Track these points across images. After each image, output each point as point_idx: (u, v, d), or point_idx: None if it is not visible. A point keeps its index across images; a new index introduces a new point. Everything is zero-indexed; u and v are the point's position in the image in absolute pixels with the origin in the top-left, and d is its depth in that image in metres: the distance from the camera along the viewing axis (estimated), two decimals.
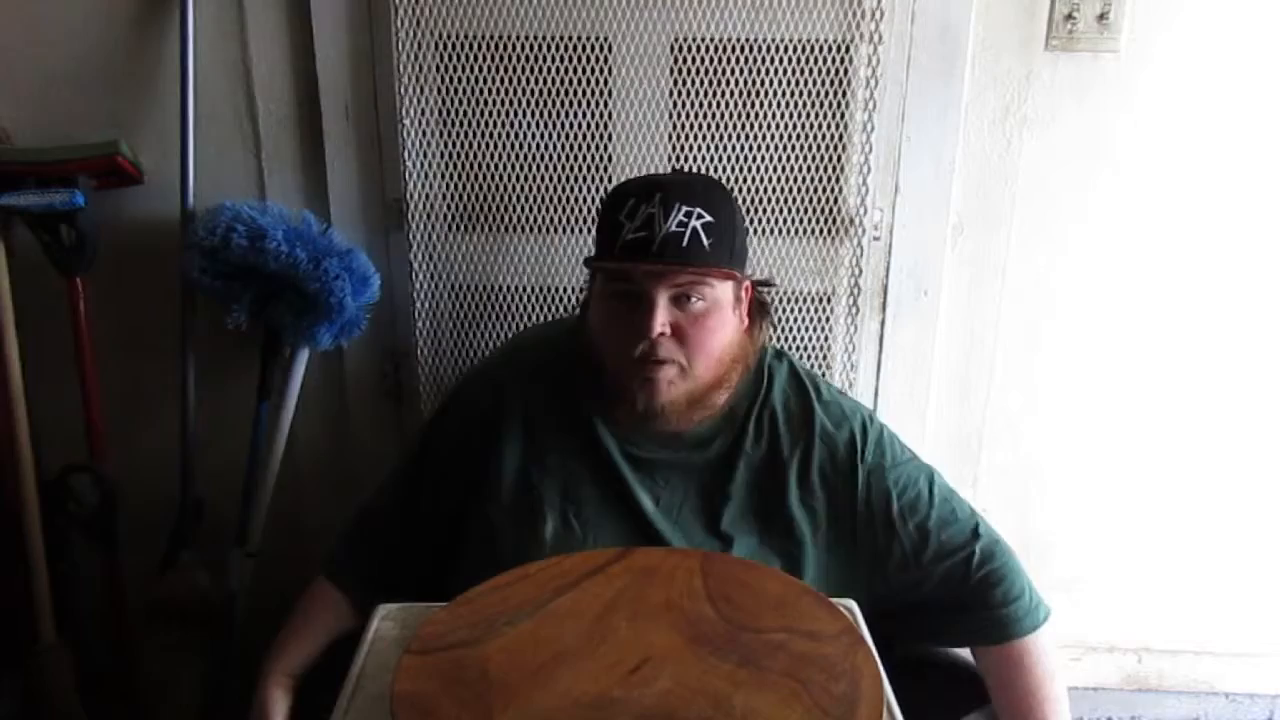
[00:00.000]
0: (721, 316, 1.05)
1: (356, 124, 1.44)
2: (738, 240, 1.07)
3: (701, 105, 1.42)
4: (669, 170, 1.44)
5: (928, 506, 1.11)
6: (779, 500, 1.09)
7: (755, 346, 1.13)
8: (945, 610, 1.11)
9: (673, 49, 1.41)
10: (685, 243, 1.00)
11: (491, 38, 1.40)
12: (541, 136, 1.44)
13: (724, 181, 1.44)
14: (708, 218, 1.02)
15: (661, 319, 1.01)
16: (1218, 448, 1.62)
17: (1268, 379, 1.59)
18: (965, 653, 1.15)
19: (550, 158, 1.45)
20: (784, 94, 1.42)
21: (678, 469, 1.10)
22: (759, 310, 1.14)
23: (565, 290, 1.51)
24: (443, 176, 1.46)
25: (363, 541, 1.18)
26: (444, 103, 1.43)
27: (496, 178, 1.46)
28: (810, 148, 1.44)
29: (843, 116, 1.43)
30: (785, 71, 1.41)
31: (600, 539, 1.07)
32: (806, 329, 1.53)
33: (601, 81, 1.42)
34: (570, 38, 1.40)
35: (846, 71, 1.41)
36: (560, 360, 1.14)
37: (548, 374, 1.14)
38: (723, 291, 1.05)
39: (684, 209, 1.01)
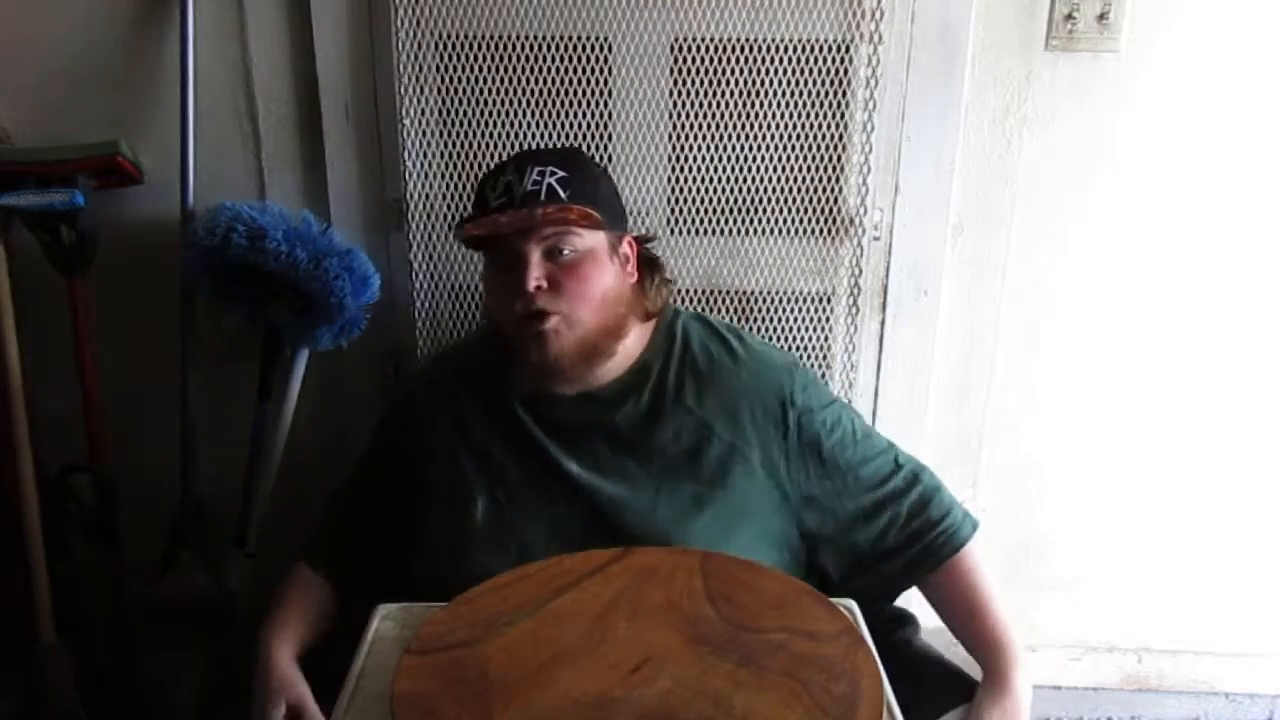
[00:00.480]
0: (596, 263, 1.10)
1: (356, 124, 1.44)
2: (600, 193, 1.12)
3: (701, 105, 1.42)
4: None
5: (853, 443, 1.15)
6: (709, 449, 1.11)
7: (651, 299, 1.18)
8: (887, 551, 1.14)
9: (673, 49, 1.41)
10: (542, 195, 1.07)
11: (491, 38, 1.40)
12: (541, 136, 1.44)
13: (721, 181, 1.45)
14: (562, 174, 1.09)
15: (535, 273, 1.06)
16: (1217, 448, 1.62)
17: (1267, 379, 1.59)
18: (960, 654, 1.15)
19: None
20: (784, 94, 1.42)
21: (599, 430, 1.13)
22: (650, 265, 1.20)
23: None
24: (443, 176, 1.46)
25: (331, 524, 1.24)
26: (444, 103, 1.43)
27: None
28: (810, 148, 1.44)
29: (843, 116, 1.43)
30: (785, 71, 1.41)
31: (531, 510, 1.10)
32: (806, 329, 1.53)
33: (601, 81, 1.42)
34: (570, 38, 1.40)
35: (846, 71, 1.41)
36: (478, 357, 1.21)
37: (469, 373, 1.20)
38: (593, 240, 1.10)
39: (537, 169, 1.09)
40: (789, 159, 1.44)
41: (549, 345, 1.07)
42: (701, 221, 1.48)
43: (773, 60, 1.40)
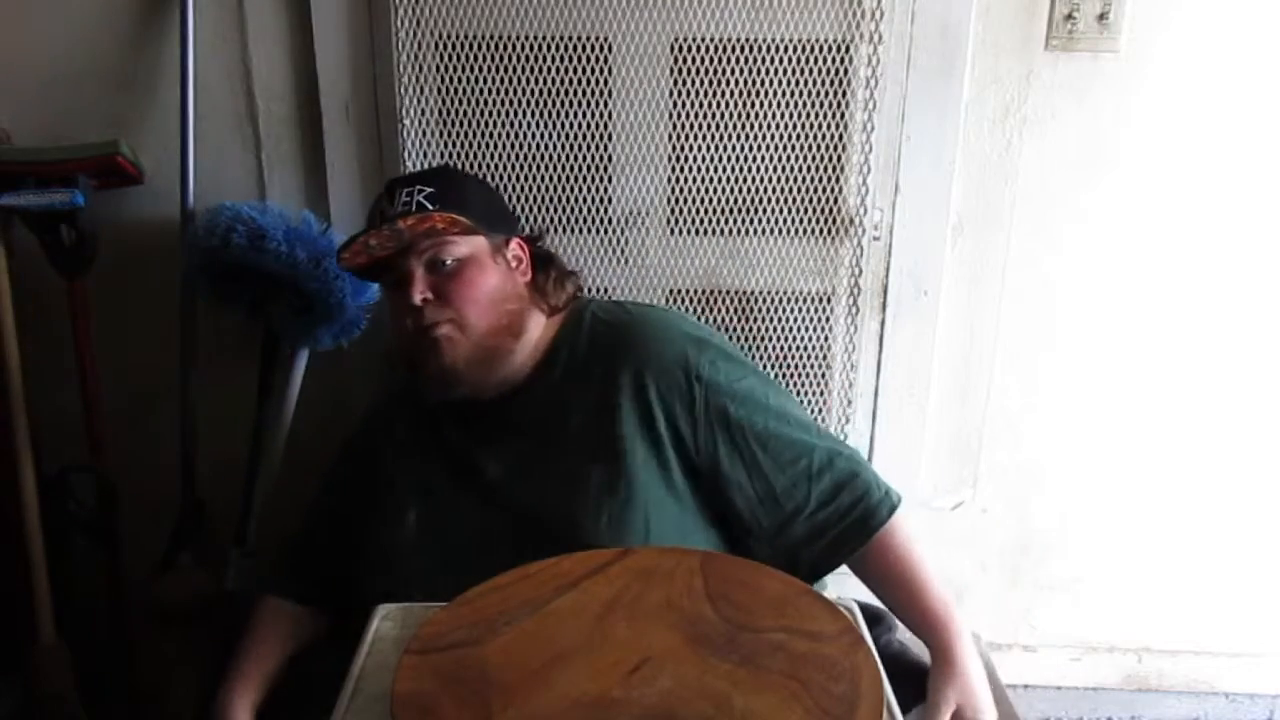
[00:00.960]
0: (478, 267, 1.12)
1: (356, 124, 1.44)
2: (470, 201, 1.14)
3: (701, 105, 1.42)
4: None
5: (764, 420, 1.12)
6: (617, 429, 1.11)
7: (553, 293, 1.20)
8: (806, 536, 1.11)
9: (673, 49, 1.41)
10: (412, 210, 1.10)
11: (491, 38, 1.40)
12: (541, 136, 1.44)
13: (721, 181, 1.45)
14: (429, 189, 1.12)
15: (419, 287, 1.09)
16: (1217, 447, 1.62)
17: (1266, 379, 1.59)
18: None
19: (550, 158, 1.45)
20: (784, 94, 1.42)
21: (516, 424, 1.15)
22: (545, 262, 1.22)
23: None
24: None
25: (293, 550, 1.25)
26: (444, 103, 1.43)
27: (496, 178, 1.45)
28: (810, 148, 1.44)
29: (843, 116, 1.43)
30: (785, 71, 1.41)
31: (459, 515, 1.12)
32: (806, 329, 1.53)
33: (601, 81, 1.42)
34: (570, 38, 1.40)
35: (846, 71, 1.41)
36: (412, 387, 1.21)
37: (404, 392, 1.23)
38: (472, 246, 1.12)
39: (405, 190, 1.12)
40: (789, 159, 1.44)
41: (444, 353, 1.10)
42: (701, 221, 1.48)
43: (773, 60, 1.40)
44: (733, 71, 1.41)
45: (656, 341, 1.15)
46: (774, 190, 1.46)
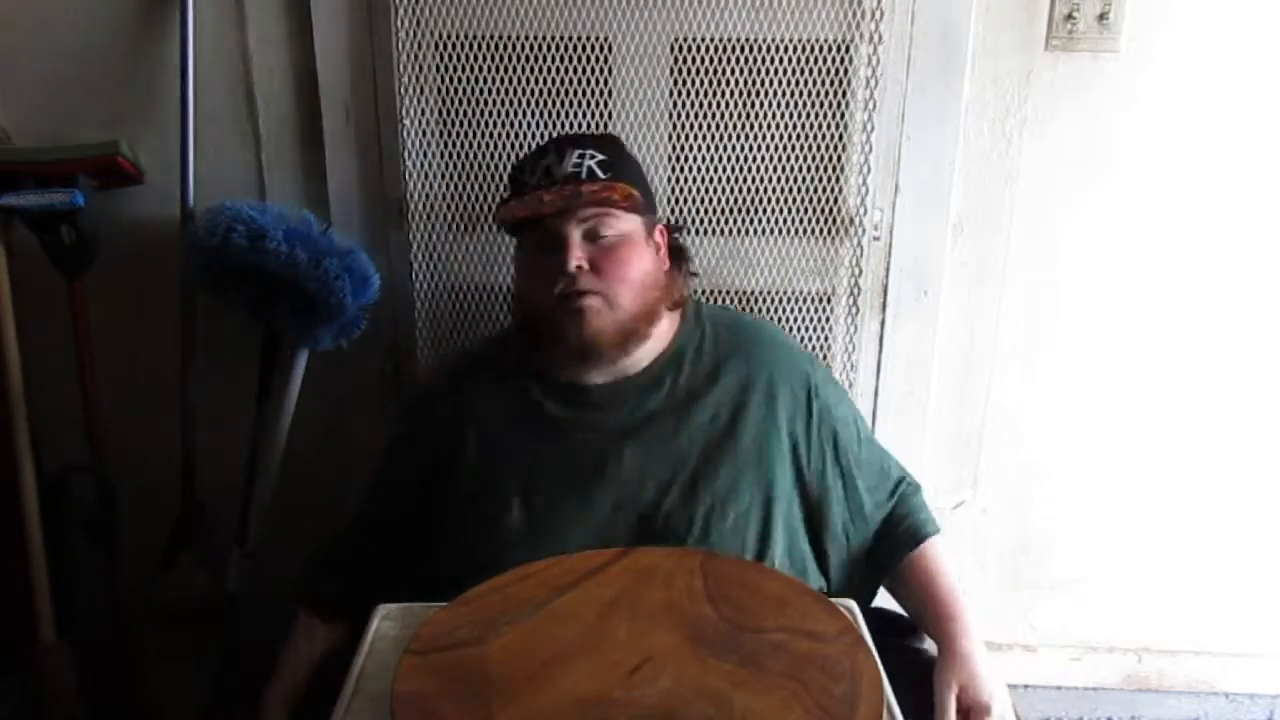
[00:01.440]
0: (634, 247, 1.10)
1: (356, 124, 1.44)
2: (638, 177, 1.14)
3: (701, 105, 1.42)
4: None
5: (857, 444, 1.19)
6: (745, 428, 1.12)
7: (681, 286, 1.19)
8: (869, 549, 1.18)
9: (673, 49, 1.41)
10: (583, 175, 1.08)
11: (491, 38, 1.40)
12: (541, 137, 1.44)
13: (721, 181, 1.45)
14: (601, 156, 1.10)
15: (577, 254, 1.07)
16: (1217, 447, 1.62)
17: (1266, 379, 1.59)
18: None
19: None
20: (784, 94, 1.42)
21: (636, 417, 1.12)
22: (678, 254, 1.21)
23: None
24: (443, 176, 1.46)
25: (330, 562, 1.22)
26: (444, 103, 1.43)
27: (496, 178, 1.45)
28: (810, 148, 1.44)
29: (843, 116, 1.43)
30: (785, 71, 1.41)
31: (569, 513, 1.09)
32: (806, 329, 1.53)
33: (601, 81, 1.42)
34: (570, 38, 1.40)
35: (846, 71, 1.41)
36: (500, 356, 1.20)
37: (493, 369, 1.19)
38: (630, 224, 1.11)
39: (577, 152, 1.10)
40: (789, 159, 1.44)
41: (588, 323, 1.07)
42: (701, 221, 1.48)
43: (773, 60, 1.40)
44: (733, 71, 1.41)
45: (783, 352, 1.19)
46: (774, 190, 1.46)
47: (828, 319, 1.52)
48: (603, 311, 1.07)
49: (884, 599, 1.22)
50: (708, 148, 1.44)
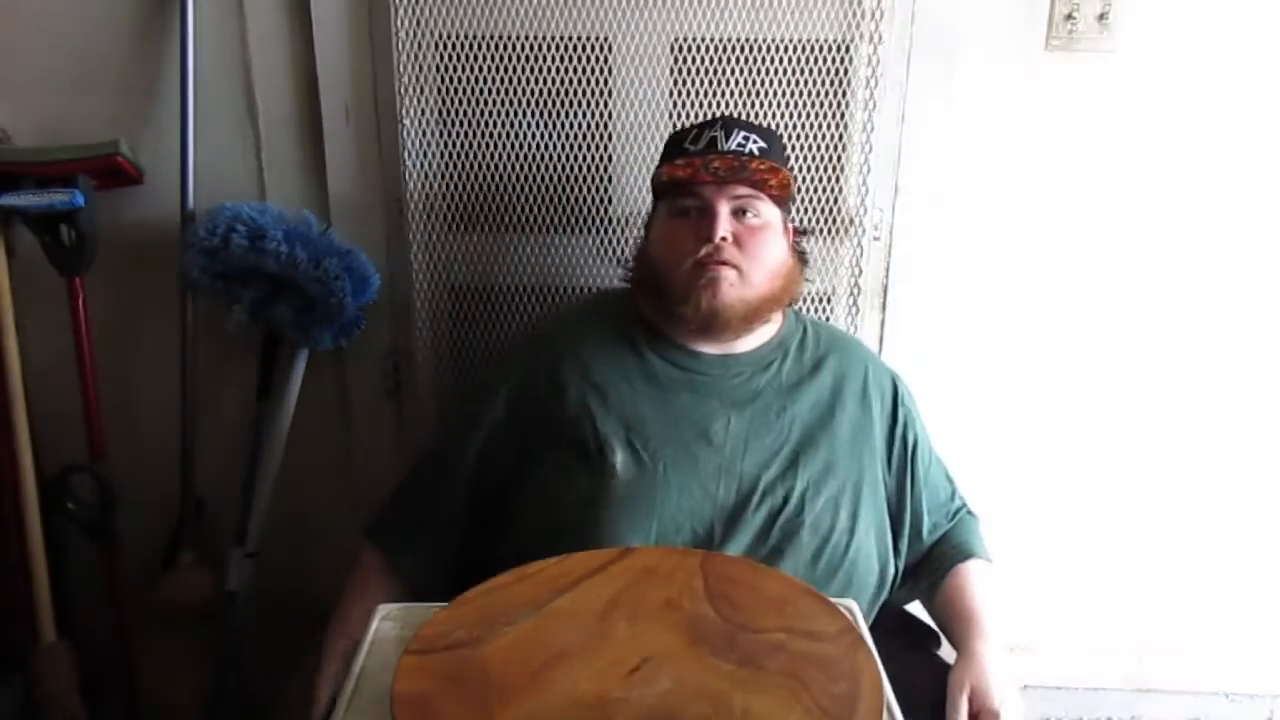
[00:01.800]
0: (774, 233, 1.14)
1: (356, 124, 1.44)
2: (790, 169, 1.16)
3: (701, 105, 1.42)
4: None
5: (928, 460, 1.25)
6: (841, 420, 1.16)
7: (801, 285, 1.22)
8: (919, 564, 1.22)
9: (673, 49, 1.41)
10: (749, 153, 1.11)
11: (491, 38, 1.40)
12: (541, 136, 1.44)
13: None
14: (763, 144, 1.13)
15: (724, 225, 1.10)
16: (1218, 447, 1.62)
17: (1267, 379, 1.59)
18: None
19: (550, 158, 1.45)
20: (784, 94, 1.42)
21: (743, 392, 1.15)
22: (799, 255, 1.23)
23: (565, 290, 1.51)
24: (443, 176, 1.46)
25: (406, 510, 1.20)
26: (444, 103, 1.43)
27: (496, 178, 1.46)
28: (810, 148, 1.44)
29: (843, 116, 1.43)
30: (785, 71, 1.41)
31: (673, 470, 1.09)
32: None
33: (601, 81, 1.42)
34: (570, 38, 1.40)
35: (846, 71, 1.41)
36: (611, 307, 1.23)
37: (600, 321, 1.21)
38: (774, 214, 1.15)
39: (742, 133, 1.13)
40: (789, 159, 1.44)
41: (721, 293, 1.09)
42: None
43: (773, 60, 1.40)
44: (733, 71, 1.41)
45: (874, 359, 1.27)
46: None
47: (828, 319, 1.52)
48: (736, 285, 1.10)
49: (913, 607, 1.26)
50: None
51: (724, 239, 1.09)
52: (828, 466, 1.13)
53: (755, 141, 1.13)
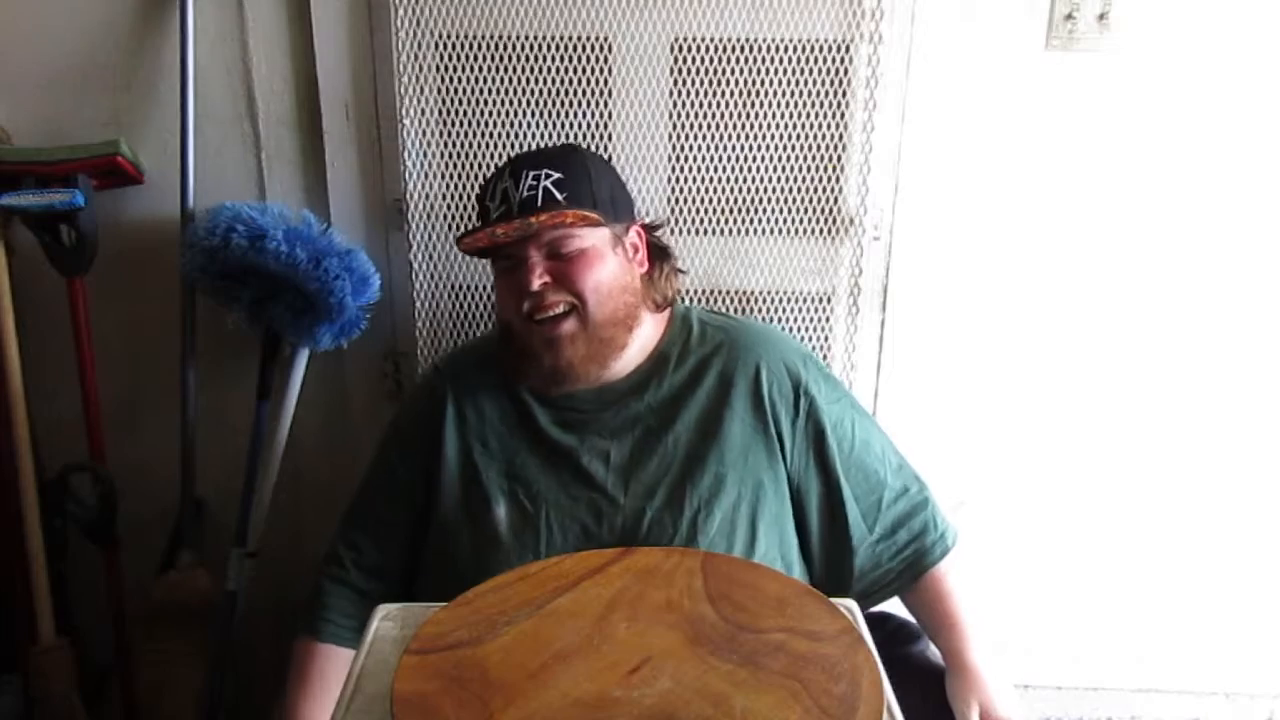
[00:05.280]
0: (599, 254, 1.10)
1: (356, 124, 1.44)
2: (599, 188, 1.12)
3: (701, 105, 1.42)
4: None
5: (850, 447, 1.15)
6: (730, 429, 1.11)
7: (665, 286, 1.18)
8: (865, 565, 1.15)
9: (673, 49, 1.41)
10: (539, 202, 1.08)
11: (491, 38, 1.40)
12: (541, 136, 1.44)
13: (721, 181, 1.45)
14: (557, 175, 1.09)
15: (538, 272, 1.08)
16: (1219, 448, 1.62)
17: (1268, 380, 1.59)
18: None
19: None
20: (784, 94, 1.42)
21: (621, 421, 1.13)
22: (659, 252, 1.21)
23: None
24: (443, 176, 1.46)
25: (335, 587, 1.19)
26: (444, 103, 1.43)
27: None
28: (810, 148, 1.44)
29: (843, 116, 1.43)
30: (785, 71, 1.41)
31: (554, 513, 1.09)
32: (806, 329, 1.53)
33: (601, 81, 1.42)
34: (570, 38, 1.40)
35: (846, 71, 1.41)
36: (489, 356, 1.20)
37: (478, 370, 1.20)
38: (594, 237, 1.10)
39: (532, 174, 1.09)
40: (789, 159, 1.44)
41: (563, 350, 1.08)
42: (701, 221, 1.48)
43: (773, 60, 1.40)
44: (733, 71, 1.41)
45: (773, 346, 1.17)
46: (774, 190, 1.46)
47: (828, 319, 1.52)
48: (577, 333, 1.08)
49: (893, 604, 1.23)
50: (708, 148, 1.44)
51: (545, 284, 1.07)
52: (718, 481, 1.09)
53: (548, 177, 1.09)
